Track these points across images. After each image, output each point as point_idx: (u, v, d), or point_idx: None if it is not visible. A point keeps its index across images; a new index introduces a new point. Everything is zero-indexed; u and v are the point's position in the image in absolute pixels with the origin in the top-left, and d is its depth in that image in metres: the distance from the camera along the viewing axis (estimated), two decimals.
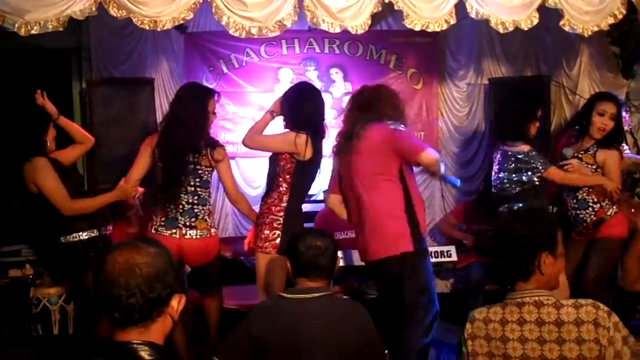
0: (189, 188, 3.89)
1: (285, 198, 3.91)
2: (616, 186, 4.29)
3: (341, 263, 4.76)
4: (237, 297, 4.68)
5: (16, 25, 3.69)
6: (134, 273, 1.73)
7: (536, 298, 2.23)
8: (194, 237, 3.88)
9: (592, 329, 2.15)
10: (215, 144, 3.96)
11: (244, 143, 4.03)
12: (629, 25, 4.65)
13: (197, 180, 3.92)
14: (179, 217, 3.88)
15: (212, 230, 3.98)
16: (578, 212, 4.41)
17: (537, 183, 4.33)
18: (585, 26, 4.25)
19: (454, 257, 5.09)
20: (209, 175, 3.97)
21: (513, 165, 4.35)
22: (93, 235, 4.04)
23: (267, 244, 3.85)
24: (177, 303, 1.81)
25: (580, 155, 4.40)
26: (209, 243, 3.97)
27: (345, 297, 3.71)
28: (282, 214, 3.88)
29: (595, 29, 4.28)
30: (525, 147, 4.36)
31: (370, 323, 2.81)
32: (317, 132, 3.92)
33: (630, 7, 4.29)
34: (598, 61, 5.76)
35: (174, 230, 3.87)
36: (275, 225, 3.87)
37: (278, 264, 3.76)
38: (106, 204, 4.07)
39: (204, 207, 3.94)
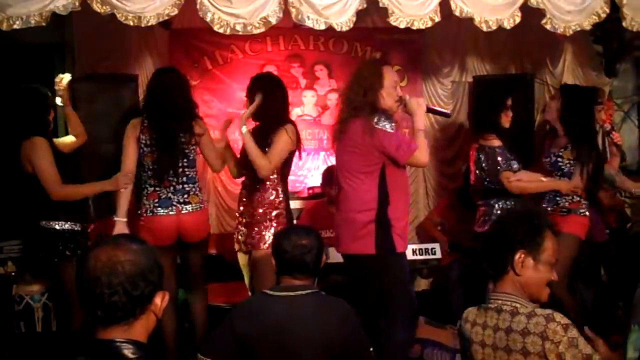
0: (178, 170, 3.93)
1: (279, 189, 4.00)
2: (572, 186, 4.29)
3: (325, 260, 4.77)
4: (223, 294, 4.68)
5: None
6: (117, 271, 1.71)
7: (500, 302, 2.22)
8: (191, 210, 3.95)
9: (537, 341, 2.06)
10: (197, 117, 4.05)
11: (266, 176, 3.95)
12: (612, 24, 4.68)
13: (185, 160, 3.97)
14: (172, 197, 3.94)
15: (205, 204, 4.12)
16: (555, 194, 4.40)
17: None
18: (567, 25, 4.27)
19: (439, 255, 5.11)
20: (194, 153, 4.02)
21: (486, 160, 4.37)
22: (75, 228, 4.00)
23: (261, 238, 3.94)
24: (160, 300, 1.80)
25: (560, 153, 4.42)
26: (204, 215, 4.08)
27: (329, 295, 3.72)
28: (283, 205, 4.00)
29: (577, 28, 4.30)
30: (496, 142, 4.39)
31: (356, 320, 2.81)
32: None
33: (613, 6, 4.31)
34: (581, 60, 5.80)
35: (171, 208, 3.92)
36: (281, 219, 3.98)
37: None
38: (94, 193, 4.08)
39: (194, 185, 4.00)
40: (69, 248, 3.92)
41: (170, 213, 3.90)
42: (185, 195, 3.94)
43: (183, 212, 3.92)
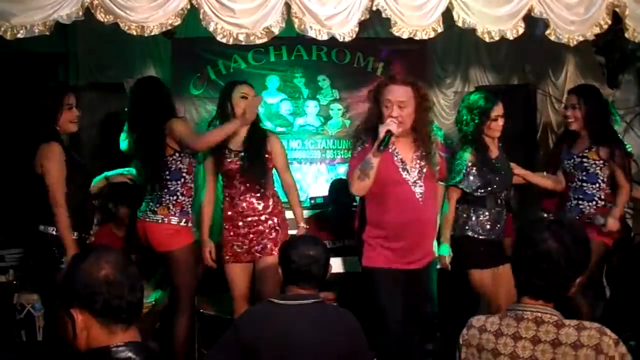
0: (162, 180, 3.98)
1: (276, 196, 4.09)
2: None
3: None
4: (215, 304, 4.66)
5: (2, 29, 3.66)
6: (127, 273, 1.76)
7: (538, 314, 2.09)
8: (151, 220, 3.98)
9: (591, 354, 2.00)
10: (165, 127, 3.97)
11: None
12: (614, 35, 4.69)
13: (167, 172, 3.97)
14: (150, 203, 4.02)
15: (173, 219, 3.96)
16: (579, 202, 4.31)
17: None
18: (571, 36, 4.28)
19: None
20: (177, 163, 3.98)
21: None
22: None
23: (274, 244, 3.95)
24: None
25: (585, 154, 4.30)
26: (164, 230, 3.96)
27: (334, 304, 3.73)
28: (283, 210, 4.11)
29: (581, 38, 4.31)
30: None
31: (359, 330, 2.81)
32: None
33: (615, 18, 4.32)
34: (583, 70, 5.80)
35: (142, 213, 4.04)
36: (285, 223, 4.07)
37: None
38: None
39: (172, 197, 3.97)
40: (62, 254, 3.89)
41: (140, 218, 4.05)
42: (157, 205, 3.96)
43: (147, 219, 3.99)
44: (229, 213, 4.02)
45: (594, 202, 4.31)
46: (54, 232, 3.84)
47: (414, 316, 3.67)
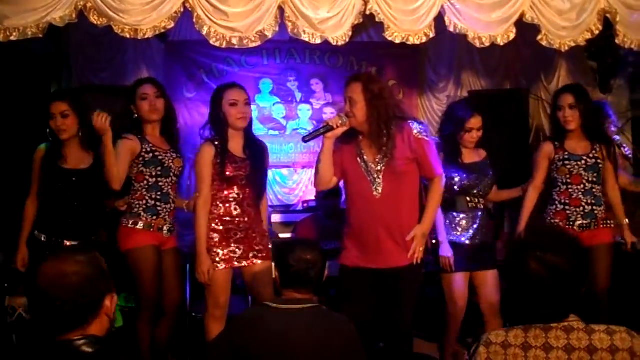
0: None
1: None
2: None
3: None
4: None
5: None
6: (64, 284, 1.83)
7: (565, 323, 2.03)
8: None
9: (627, 358, 1.98)
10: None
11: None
12: (606, 40, 4.71)
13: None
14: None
15: (123, 222, 3.93)
16: (594, 207, 4.18)
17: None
18: (563, 41, 4.30)
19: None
20: (133, 173, 3.95)
21: None
22: (42, 239, 3.90)
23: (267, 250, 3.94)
24: (110, 302, 1.92)
25: (596, 154, 4.19)
26: (119, 231, 3.97)
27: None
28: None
29: (572, 44, 4.33)
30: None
31: (355, 336, 2.80)
32: None
33: (607, 23, 4.35)
34: (576, 75, 5.82)
35: None
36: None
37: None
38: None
39: (132, 201, 3.97)
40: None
41: None
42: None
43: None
44: (226, 219, 3.88)
45: (603, 207, 4.22)
46: (42, 239, 3.86)
47: (386, 319, 3.63)
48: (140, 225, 3.89)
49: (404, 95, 6.30)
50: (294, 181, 6.35)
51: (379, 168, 3.58)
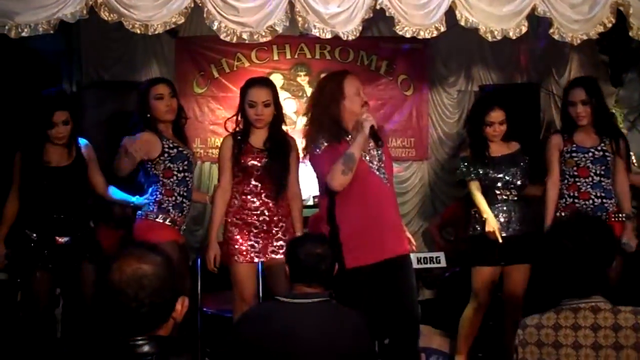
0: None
1: (286, 195, 4.04)
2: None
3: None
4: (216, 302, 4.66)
5: (6, 28, 3.66)
6: (143, 284, 1.75)
7: (593, 304, 2.19)
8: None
9: None
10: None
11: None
12: (618, 34, 4.67)
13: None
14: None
15: (147, 214, 3.97)
16: (604, 200, 4.18)
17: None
18: (575, 35, 4.27)
19: (443, 264, 5.09)
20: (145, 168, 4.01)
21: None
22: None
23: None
24: (180, 306, 1.85)
25: (605, 147, 4.19)
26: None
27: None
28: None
29: (584, 37, 4.30)
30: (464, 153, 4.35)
31: (365, 330, 2.82)
32: None
33: (619, 16, 4.31)
34: (587, 69, 5.79)
35: None
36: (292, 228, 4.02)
37: None
38: None
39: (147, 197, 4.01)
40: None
41: None
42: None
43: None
44: (245, 211, 3.91)
45: (614, 200, 4.21)
46: (35, 237, 3.96)
47: (393, 309, 3.66)
48: (168, 221, 3.94)
49: (415, 89, 6.28)
50: (304, 176, 6.34)
51: (377, 159, 3.66)
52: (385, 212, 3.64)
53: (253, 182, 3.91)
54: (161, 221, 3.93)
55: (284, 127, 4.12)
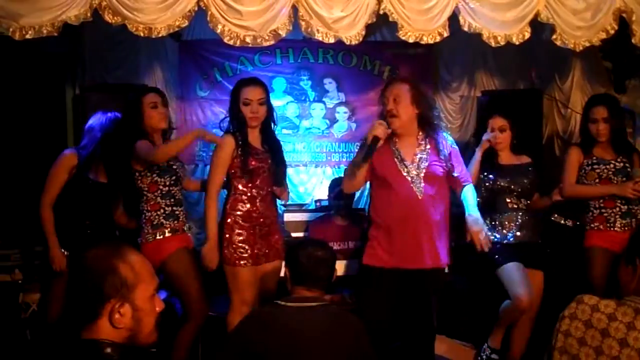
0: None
1: None
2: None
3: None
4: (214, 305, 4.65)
5: (10, 30, 3.68)
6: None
7: None
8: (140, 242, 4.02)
9: None
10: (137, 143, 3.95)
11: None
12: (621, 40, 4.68)
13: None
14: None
15: (147, 237, 3.92)
16: (630, 206, 4.21)
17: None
18: (577, 41, 4.27)
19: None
20: (140, 182, 3.94)
21: None
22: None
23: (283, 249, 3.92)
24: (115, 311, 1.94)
25: (624, 159, 4.26)
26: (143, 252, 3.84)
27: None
28: None
29: (587, 44, 4.30)
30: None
31: (364, 334, 2.82)
32: None
33: (622, 23, 4.32)
34: (590, 75, 5.79)
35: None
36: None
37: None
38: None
39: (142, 218, 3.96)
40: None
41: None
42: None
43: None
44: (253, 215, 3.87)
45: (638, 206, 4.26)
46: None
47: (409, 319, 3.67)
48: (167, 233, 3.91)
49: None
50: (306, 180, 6.35)
51: (419, 169, 3.62)
52: (410, 224, 3.59)
53: (258, 184, 3.89)
54: (161, 237, 3.90)
55: (287, 131, 4.12)
